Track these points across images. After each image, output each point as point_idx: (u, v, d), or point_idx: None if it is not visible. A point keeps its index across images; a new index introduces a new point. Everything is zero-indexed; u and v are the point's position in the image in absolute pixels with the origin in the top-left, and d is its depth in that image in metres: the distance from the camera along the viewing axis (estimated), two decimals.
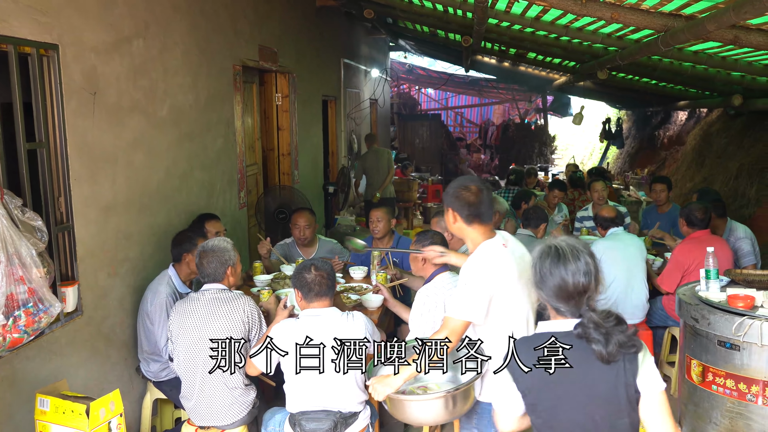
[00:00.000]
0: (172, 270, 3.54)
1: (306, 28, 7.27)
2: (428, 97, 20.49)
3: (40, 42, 2.80)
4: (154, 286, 3.48)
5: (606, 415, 1.87)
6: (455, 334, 2.47)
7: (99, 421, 2.48)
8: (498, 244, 2.55)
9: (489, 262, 2.50)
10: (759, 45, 3.61)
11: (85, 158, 3.13)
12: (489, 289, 2.47)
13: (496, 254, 2.51)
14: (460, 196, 2.55)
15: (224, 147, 4.91)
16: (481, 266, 2.49)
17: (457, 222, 2.58)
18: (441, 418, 2.62)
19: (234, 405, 3.05)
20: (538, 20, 5.16)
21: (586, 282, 1.89)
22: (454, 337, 2.47)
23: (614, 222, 4.72)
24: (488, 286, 2.47)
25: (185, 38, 4.19)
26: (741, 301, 2.96)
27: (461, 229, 2.59)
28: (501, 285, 2.49)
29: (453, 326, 2.47)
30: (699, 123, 9.80)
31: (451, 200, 2.58)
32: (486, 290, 2.47)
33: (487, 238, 2.57)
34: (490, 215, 2.58)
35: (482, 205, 2.53)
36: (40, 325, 2.61)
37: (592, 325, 1.84)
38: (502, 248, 2.53)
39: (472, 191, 2.55)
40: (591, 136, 16.43)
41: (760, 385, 2.87)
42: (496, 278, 2.48)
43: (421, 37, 10.57)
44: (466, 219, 2.55)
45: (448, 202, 2.60)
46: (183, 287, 3.54)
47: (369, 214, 4.57)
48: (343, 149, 9.48)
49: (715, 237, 4.53)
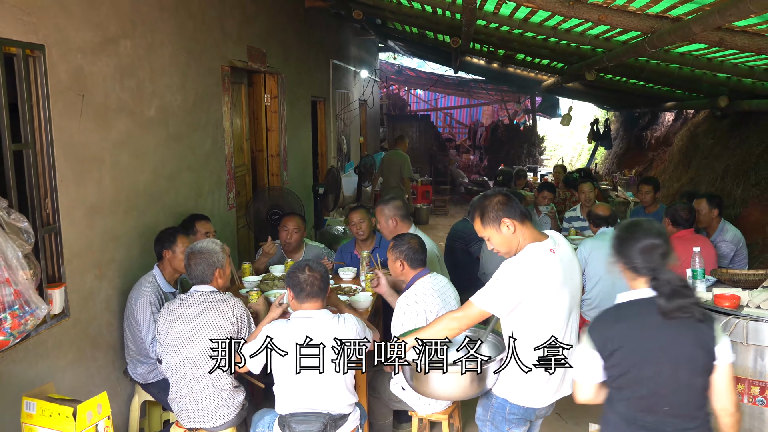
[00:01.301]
0: (157, 270, 3.51)
1: (295, 29, 7.26)
2: (417, 98, 20.52)
3: (26, 42, 2.78)
4: (138, 286, 3.46)
5: (686, 373, 2.09)
6: (469, 319, 2.54)
7: (86, 423, 2.46)
8: (545, 249, 2.52)
9: (530, 266, 2.48)
10: (744, 47, 3.65)
11: (71, 159, 3.10)
12: (521, 291, 2.46)
13: (541, 259, 2.49)
14: (503, 203, 2.55)
15: (212, 148, 4.89)
16: (521, 269, 2.47)
17: (516, 229, 2.54)
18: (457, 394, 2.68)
19: (223, 407, 3.04)
20: (526, 22, 5.18)
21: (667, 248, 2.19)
22: (468, 320, 2.55)
23: (606, 221, 4.75)
24: (521, 288, 2.46)
25: (172, 38, 4.17)
26: (727, 301, 2.99)
27: (518, 234, 2.55)
28: (539, 290, 2.46)
29: (471, 312, 2.52)
30: (686, 124, 9.89)
31: (499, 212, 2.55)
32: (517, 291, 2.46)
33: (535, 240, 2.55)
34: (529, 215, 2.61)
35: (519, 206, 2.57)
36: (26, 327, 2.59)
37: (665, 280, 2.08)
38: (549, 254, 2.50)
39: (503, 195, 2.59)
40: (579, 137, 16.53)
41: (745, 384, 2.90)
42: (534, 283, 2.46)
43: (410, 38, 10.59)
44: (520, 219, 2.55)
45: (496, 216, 2.55)
46: (168, 286, 3.51)
47: (348, 217, 4.57)
48: (332, 150, 9.47)
49: (698, 236, 4.58)
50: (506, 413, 2.60)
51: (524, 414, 2.60)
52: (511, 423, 2.61)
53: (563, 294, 2.52)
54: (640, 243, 2.18)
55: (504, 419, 2.61)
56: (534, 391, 2.56)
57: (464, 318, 2.54)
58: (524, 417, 2.61)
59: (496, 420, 2.64)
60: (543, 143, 18.15)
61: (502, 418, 2.61)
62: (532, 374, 2.52)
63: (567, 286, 2.53)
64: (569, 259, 2.59)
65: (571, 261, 2.60)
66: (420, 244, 3.49)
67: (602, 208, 4.90)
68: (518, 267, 2.49)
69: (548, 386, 2.57)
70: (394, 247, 3.49)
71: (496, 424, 2.65)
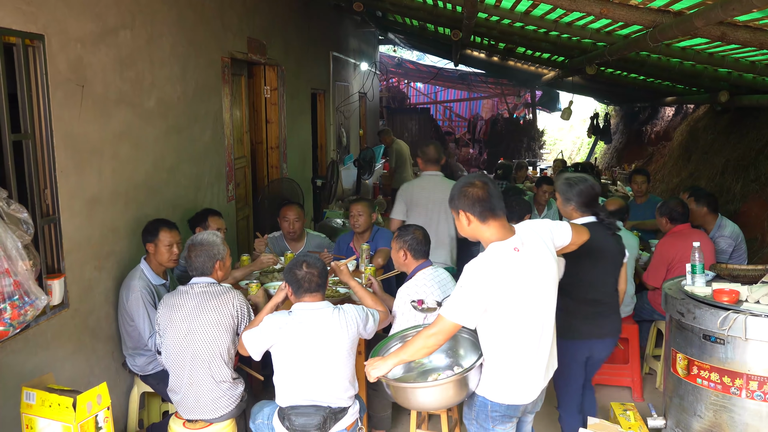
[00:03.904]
0: (144, 263, 3.48)
1: (295, 21, 7.23)
2: (417, 91, 20.47)
3: (26, 32, 2.76)
4: (127, 282, 3.43)
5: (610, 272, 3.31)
6: (444, 333, 2.45)
7: (86, 414, 2.47)
8: (508, 248, 2.41)
9: (490, 267, 2.39)
10: (746, 42, 3.64)
11: (71, 150, 3.09)
12: (484, 295, 2.38)
13: (502, 259, 2.40)
14: (467, 194, 2.43)
15: (212, 140, 4.88)
16: (481, 271, 2.38)
17: (471, 223, 2.45)
18: (439, 404, 2.70)
19: (222, 398, 3.05)
20: (527, 15, 5.16)
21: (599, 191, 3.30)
22: (443, 335, 2.46)
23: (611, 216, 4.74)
24: (484, 292, 2.37)
25: (172, 29, 4.15)
26: (726, 296, 2.99)
27: (477, 229, 2.46)
28: (503, 291, 2.39)
29: (443, 326, 2.44)
30: (686, 119, 9.87)
31: (459, 201, 2.46)
32: (480, 296, 2.38)
33: (501, 238, 2.44)
34: (502, 208, 2.46)
35: (492, 198, 2.42)
36: (26, 318, 2.59)
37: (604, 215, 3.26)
38: (512, 253, 2.40)
39: (477, 186, 2.43)
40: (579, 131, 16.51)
41: (744, 379, 2.90)
42: (496, 285, 2.37)
43: (411, 31, 10.55)
44: (480, 216, 2.43)
45: (456, 205, 2.48)
46: (157, 279, 3.48)
47: (350, 208, 4.56)
48: (332, 142, 9.45)
49: (696, 230, 4.59)
50: (489, 411, 2.58)
51: (507, 411, 2.57)
52: (495, 420, 2.58)
53: (531, 293, 2.44)
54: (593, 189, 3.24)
55: (487, 417, 2.59)
56: (513, 388, 2.53)
57: (439, 333, 2.45)
58: (507, 414, 2.58)
59: (479, 418, 2.62)
60: (543, 137, 18.11)
61: (486, 416, 2.59)
62: (509, 373, 2.51)
63: (535, 282, 2.45)
64: (538, 253, 2.49)
65: (541, 254, 2.50)
66: (424, 236, 3.49)
67: (611, 203, 4.88)
68: (478, 271, 2.39)
69: (527, 383, 2.54)
70: (399, 236, 3.48)
71: (480, 422, 2.62)
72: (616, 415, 3.59)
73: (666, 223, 4.58)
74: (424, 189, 4.71)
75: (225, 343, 3.01)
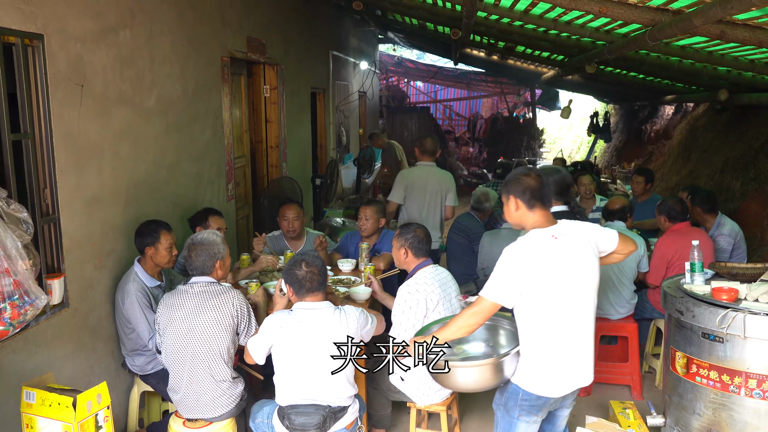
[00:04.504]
0: (138, 266, 3.45)
1: (294, 20, 7.23)
2: (417, 89, 20.45)
3: (25, 32, 2.77)
4: (122, 285, 3.41)
5: None
6: (483, 312, 2.57)
7: (86, 413, 2.47)
8: (547, 235, 2.56)
9: (527, 249, 2.54)
10: (745, 40, 3.64)
11: (71, 149, 3.10)
12: (519, 275, 2.51)
13: (540, 244, 2.54)
14: (521, 182, 2.62)
15: (212, 139, 4.88)
16: (518, 252, 2.54)
17: (519, 209, 2.63)
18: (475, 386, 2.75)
19: (222, 397, 3.05)
20: (526, 14, 5.16)
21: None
22: (483, 315, 2.58)
23: (613, 215, 4.75)
24: (519, 272, 2.51)
25: (172, 28, 4.15)
26: (725, 294, 2.99)
27: (523, 215, 2.63)
28: (539, 274, 2.51)
29: (483, 305, 2.56)
30: (685, 117, 9.88)
31: (512, 187, 2.64)
32: (516, 276, 2.51)
33: (542, 226, 2.60)
34: (550, 199, 2.66)
35: (544, 188, 2.61)
36: (25, 317, 2.59)
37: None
38: (550, 239, 2.55)
39: (531, 176, 2.63)
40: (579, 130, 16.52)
41: (743, 377, 2.91)
42: (532, 267, 2.50)
43: (410, 30, 10.55)
44: (528, 204, 2.60)
45: (509, 191, 2.65)
46: (151, 281, 3.46)
47: (359, 211, 4.57)
48: (331, 141, 9.46)
49: (695, 228, 4.60)
50: (519, 399, 2.64)
51: (536, 402, 2.62)
52: (522, 409, 2.64)
53: (568, 279, 2.55)
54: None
55: (516, 405, 2.65)
56: (546, 379, 2.59)
57: (479, 313, 2.58)
58: (536, 405, 2.63)
59: (508, 405, 2.69)
60: (542, 136, 18.13)
61: (514, 403, 2.66)
62: (544, 363, 2.58)
63: (571, 273, 2.56)
64: (578, 246, 2.60)
65: (581, 248, 2.61)
66: (426, 234, 3.49)
67: (612, 201, 4.89)
68: (516, 252, 2.54)
69: (561, 376, 2.60)
70: (400, 234, 3.49)
71: (508, 409, 2.68)
72: (616, 413, 3.60)
73: (665, 221, 4.59)
74: (420, 176, 5.30)
75: (225, 342, 3.01)
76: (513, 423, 2.67)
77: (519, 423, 2.66)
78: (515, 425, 2.67)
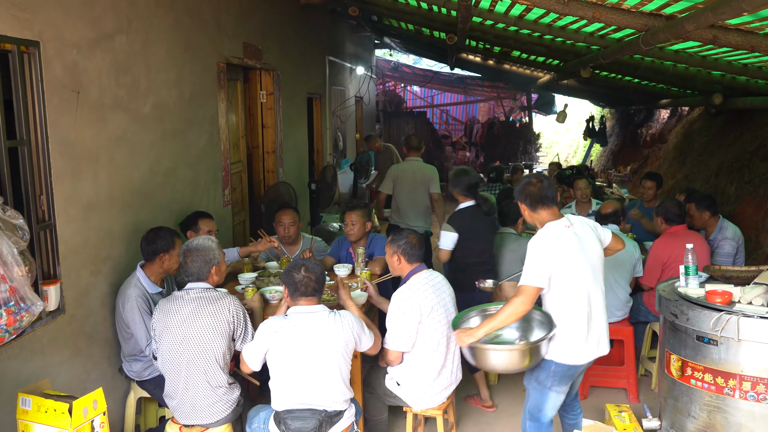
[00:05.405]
0: (140, 271, 3.45)
1: (290, 26, 7.25)
2: (414, 94, 20.51)
3: (21, 39, 2.78)
4: (123, 290, 3.41)
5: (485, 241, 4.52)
6: (529, 298, 2.98)
7: (82, 419, 2.47)
8: (561, 225, 3.06)
9: (549, 238, 3.02)
10: (737, 45, 3.66)
11: (66, 156, 3.10)
12: (549, 258, 2.98)
13: (557, 232, 3.04)
14: (524, 191, 3.13)
15: (208, 144, 4.89)
16: (543, 241, 3.02)
17: (526, 211, 3.16)
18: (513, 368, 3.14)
19: (218, 403, 3.05)
20: (521, 19, 5.18)
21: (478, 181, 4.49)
22: (529, 300, 2.98)
23: (605, 219, 4.76)
24: (548, 256, 2.98)
25: (168, 35, 4.17)
26: (719, 297, 3.01)
27: (531, 216, 3.15)
28: (562, 255, 2.99)
29: (527, 292, 2.98)
30: (681, 121, 9.91)
31: (518, 194, 3.17)
32: (546, 260, 2.98)
33: (553, 220, 3.08)
34: (551, 199, 3.10)
35: (543, 191, 3.08)
36: (21, 324, 2.60)
37: (482, 201, 4.40)
38: (564, 228, 3.05)
39: (532, 183, 3.11)
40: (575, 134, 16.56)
41: (737, 379, 2.92)
42: (555, 252, 2.98)
43: (406, 35, 10.57)
44: (531, 206, 3.11)
45: (517, 197, 3.19)
46: (153, 287, 3.46)
47: (344, 216, 4.58)
48: (328, 147, 9.46)
49: (691, 232, 4.61)
50: (551, 372, 3.08)
51: (567, 372, 3.08)
52: (554, 380, 3.09)
53: (582, 259, 3.03)
54: (470, 180, 4.46)
55: (548, 377, 3.10)
56: (575, 349, 3.04)
57: (526, 298, 2.97)
58: (567, 375, 3.09)
59: (540, 378, 3.12)
60: (539, 140, 18.18)
61: (546, 375, 3.10)
62: (572, 335, 3.03)
63: (584, 254, 3.04)
64: (585, 233, 3.12)
65: (588, 235, 3.13)
66: (418, 240, 3.50)
67: (604, 206, 4.90)
68: (540, 241, 3.03)
69: (586, 345, 3.06)
70: (392, 241, 3.50)
71: (540, 381, 3.13)
72: (612, 416, 3.61)
73: (661, 223, 4.60)
74: (407, 170, 6.38)
75: (221, 348, 3.01)
76: (545, 393, 3.12)
77: (550, 393, 3.11)
78: (547, 395, 3.12)
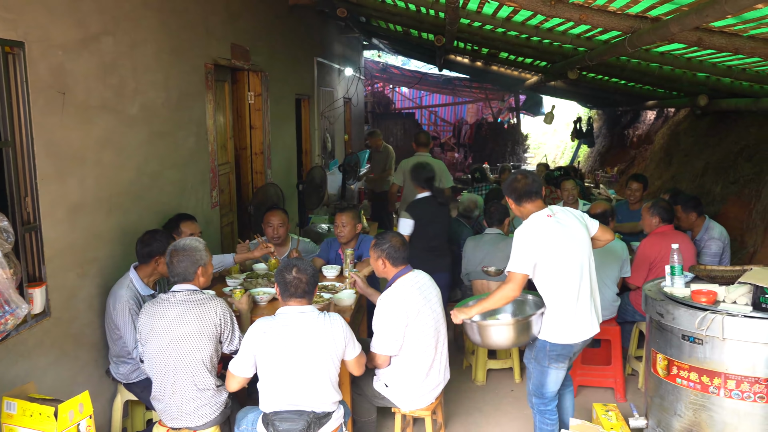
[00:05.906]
0: (134, 273, 3.44)
1: (279, 27, 7.24)
2: (402, 95, 20.53)
3: (5, 39, 2.75)
4: (115, 291, 3.39)
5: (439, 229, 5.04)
6: (517, 284, 3.20)
7: (68, 423, 2.45)
8: (543, 215, 3.28)
9: (532, 227, 3.24)
10: (722, 47, 3.71)
11: (52, 157, 3.08)
12: (532, 247, 3.19)
13: (539, 222, 3.25)
14: (510, 186, 3.33)
15: (196, 146, 4.87)
16: (526, 232, 3.24)
17: (512, 204, 3.36)
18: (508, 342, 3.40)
19: (206, 406, 3.04)
20: (509, 21, 5.21)
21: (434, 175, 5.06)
22: (516, 286, 3.20)
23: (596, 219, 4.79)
24: (531, 245, 3.19)
25: (156, 35, 4.15)
26: (704, 297, 3.04)
27: (517, 209, 3.36)
28: (543, 245, 3.19)
29: (515, 278, 3.20)
30: (667, 122, 9.99)
31: (505, 189, 3.37)
32: (530, 248, 3.19)
33: (537, 210, 3.29)
34: (536, 193, 3.29)
35: (528, 186, 3.28)
36: (6, 327, 2.57)
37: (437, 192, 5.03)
38: (546, 218, 3.26)
39: (519, 179, 3.31)
40: (563, 135, 16.64)
41: (722, 378, 2.95)
42: (538, 240, 3.19)
43: (395, 36, 10.59)
44: (516, 201, 3.33)
45: (504, 192, 3.39)
46: (145, 289, 3.45)
47: (335, 218, 4.60)
48: (317, 148, 9.45)
49: (677, 232, 4.65)
50: (547, 351, 3.30)
51: (563, 350, 3.29)
52: (551, 359, 3.30)
53: (566, 245, 3.22)
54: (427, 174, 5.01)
55: (545, 356, 3.31)
56: (566, 330, 3.25)
57: (514, 285, 3.20)
58: (562, 354, 3.29)
59: (538, 357, 3.35)
60: (527, 141, 18.25)
61: (544, 355, 3.31)
62: (562, 316, 3.24)
63: (568, 240, 3.24)
64: (568, 221, 3.31)
65: (572, 222, 3.31)
66: (402, 242, 3.51)
67: (594, 206, 4.93)
68: (524, 231, 3.24)
69: (577, 325, 3.27)
70: (376, 245, 3.51)
71: (539, 360, 3.34)
72: (599, 415, 3.63)
73: (658, 222, 4.61)
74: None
75: (208, 351, 3.00)
76: (545, 371, 3.33)
77: (550, 370, 3.32)
78: (547, 373, 3.33)
